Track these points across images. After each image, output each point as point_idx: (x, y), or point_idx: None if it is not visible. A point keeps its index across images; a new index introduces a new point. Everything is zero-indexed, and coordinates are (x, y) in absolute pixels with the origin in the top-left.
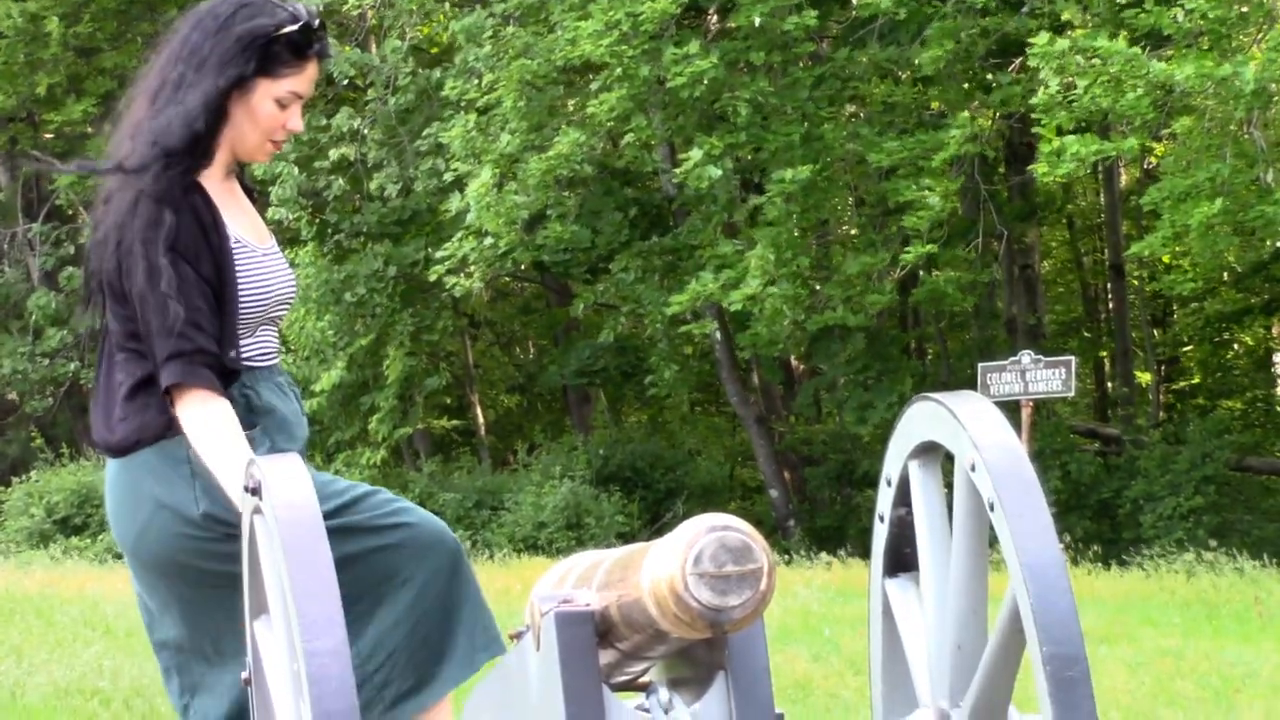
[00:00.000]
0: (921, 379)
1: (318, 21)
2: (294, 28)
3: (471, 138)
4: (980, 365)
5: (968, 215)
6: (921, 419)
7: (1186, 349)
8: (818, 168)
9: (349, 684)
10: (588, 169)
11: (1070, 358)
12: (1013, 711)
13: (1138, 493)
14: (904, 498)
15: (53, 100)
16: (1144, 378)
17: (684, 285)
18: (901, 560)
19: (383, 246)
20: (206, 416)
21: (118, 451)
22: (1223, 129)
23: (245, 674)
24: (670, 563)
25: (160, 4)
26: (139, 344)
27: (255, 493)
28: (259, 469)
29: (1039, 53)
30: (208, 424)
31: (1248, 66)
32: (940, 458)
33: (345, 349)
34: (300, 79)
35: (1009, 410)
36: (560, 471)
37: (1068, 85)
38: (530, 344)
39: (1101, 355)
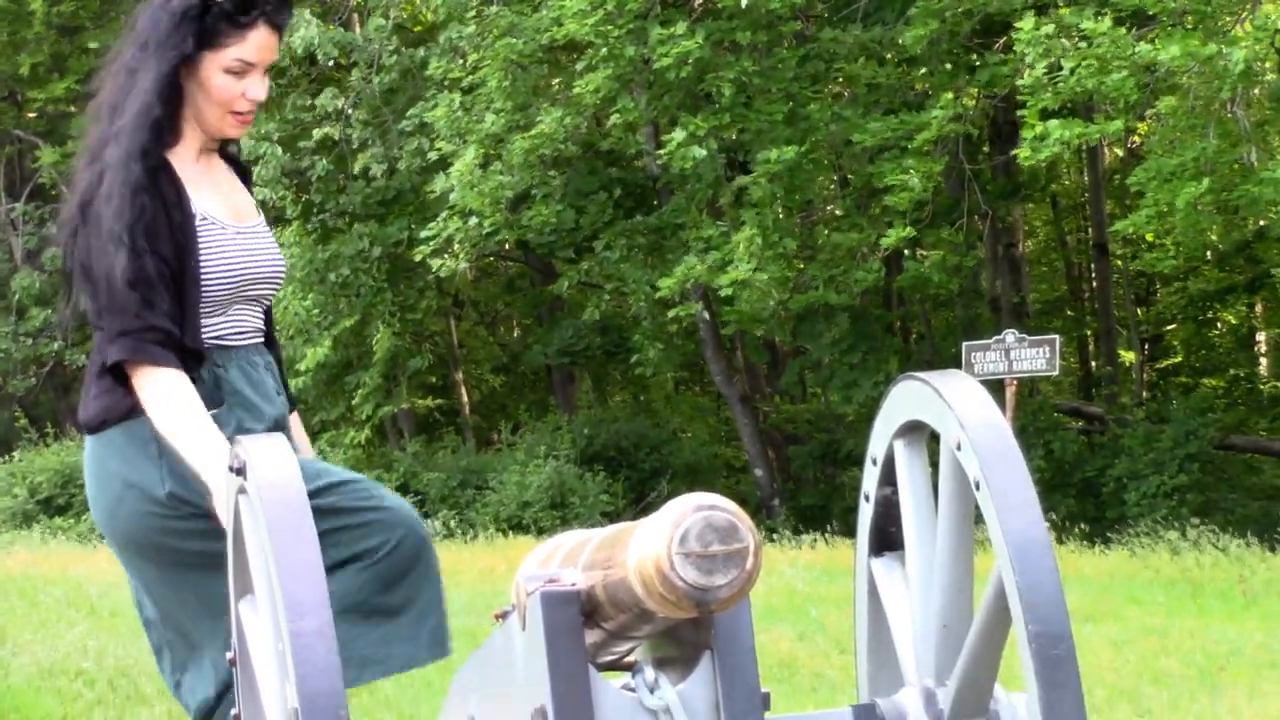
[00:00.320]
0: (906, 358)
1: None
2: None
3: (456, 117)
4: (964, 344)
5: (952, 194)
6: (907, 398)
7: (1170, 328)
8: (803, 149)
9: (334, 665)
10: (572, 148)
11: (1054, 336)
12: (998, 689)
13: (1121, 471)
14: (889, 477)
15: (36, 79)
16: (1127, 356)
17: (668, 264)
18: (887, 539)
19: (367, 226)
20: (160, 392)
21: (89, 429)
22: (1207, 109)
23: (230, 654)
24: (656, 542)
25: None
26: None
27: (240, 473)
28: (243, 449)
29: (1025, 38)
30: (162, 399)
31: (1237, 48)
32: (926, 437)
33: (330, 329)
34: (245, 46)
35: (993, 389)
36: (545, 451)
37: (1053, 66)
38: (514, 323)
39: (1085, 334)
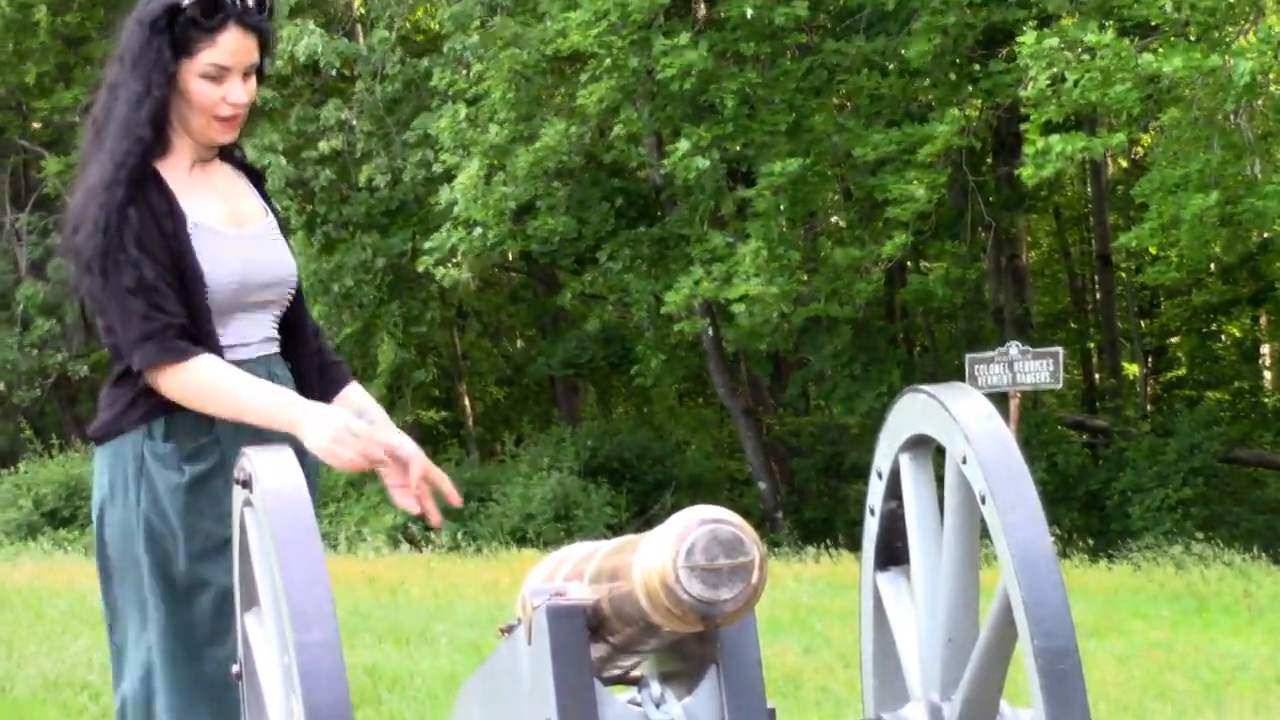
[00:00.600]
0: (909, 370)
1: None
2: (188, 1)
3: (460, 128)
4: (968, 356)
5: (955, 206)
6: (912, 412)
7: (1174, 340)
8: (808, 161)
9: (341, 677)
10: (576, 159)
11: (1058, 349)
12: (1004, 704)
13: (1126, 484)
14: (895, 491)
15: (42, 89)
16: (1131, 369)
17: (672, 275)
18: (893, 553)
19: (370, 237)
20: (198, 380)
21: (94, 440)
22: (1210, 120)
23: (236, 668)
24: (662, 555)
25: None
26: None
27: (246, 485)
28: (249, 461)
29: (1028, 51)
30: (206, 387)
31: (1242, 59)
32: (931, 450)
33: (333, 339)
34: (216, 50)
35: (997, 401)
36: (548, 463)
37: (1056, 79)
38: (518, 335)
39: (1089, 346)
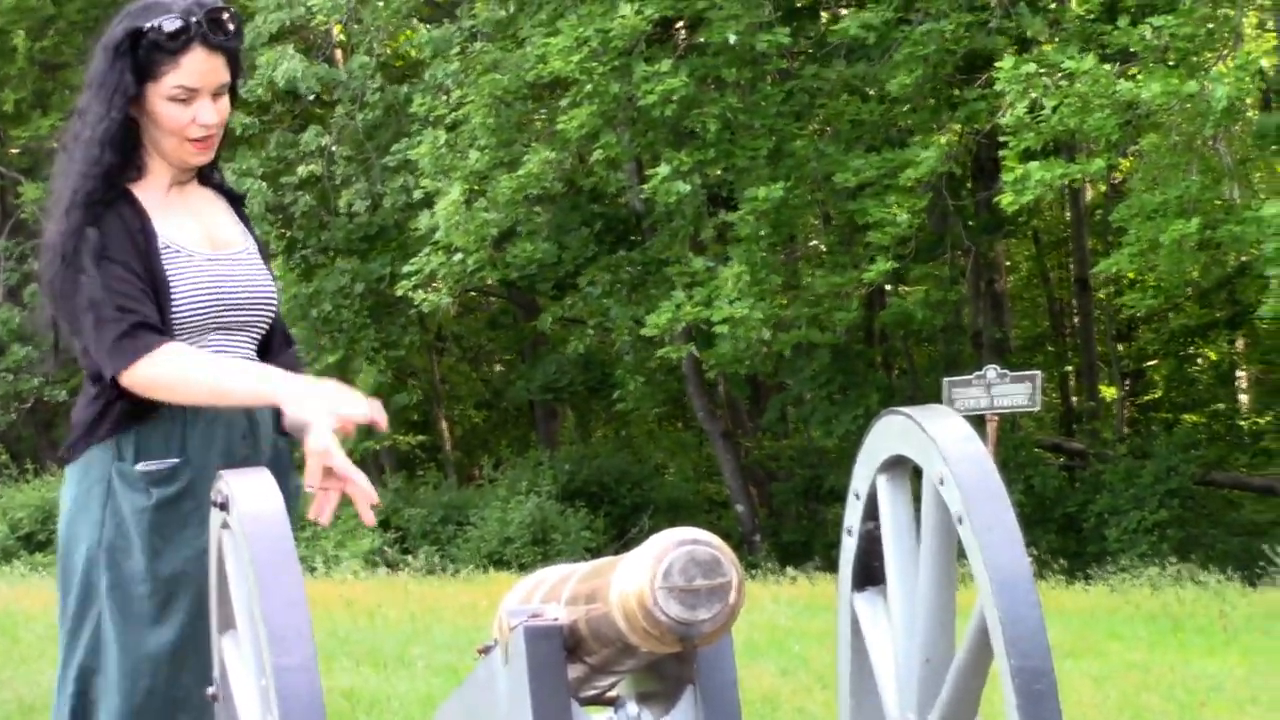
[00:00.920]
0: (888, 393)
1: (197, 11)
2: (150, 25)
3: (440, 154)
4: (945, 379)
5: (934, 230)
6: (890, 433)
7: (1151, 363)
8: (790, 185)
9: (318, 700)
10: (557, 185)
11: (1036, 372)
12: None
13: (1103, 506)
14: (872, 512)
15: (19, 115)
16: (1108, 392)
17: (653, 300)
18: (870, 574)
19: (350, 263)
20: (175, 365)
21: (64, 462)
22: (1189, 146)
23: (212, 690)
24: (639, 577)
25: None
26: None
27: (223, 507)
28: (226, 484)
29: (1006, 76)
30: (178, 376)
31: (1220, 84)
32: (909, 472)
33: (313, 364)
34: (182, 72)
35: (974, 424)
36: (526, 487)
37: (1034, 105)
38: (497, 359)
39: (1066, 369)
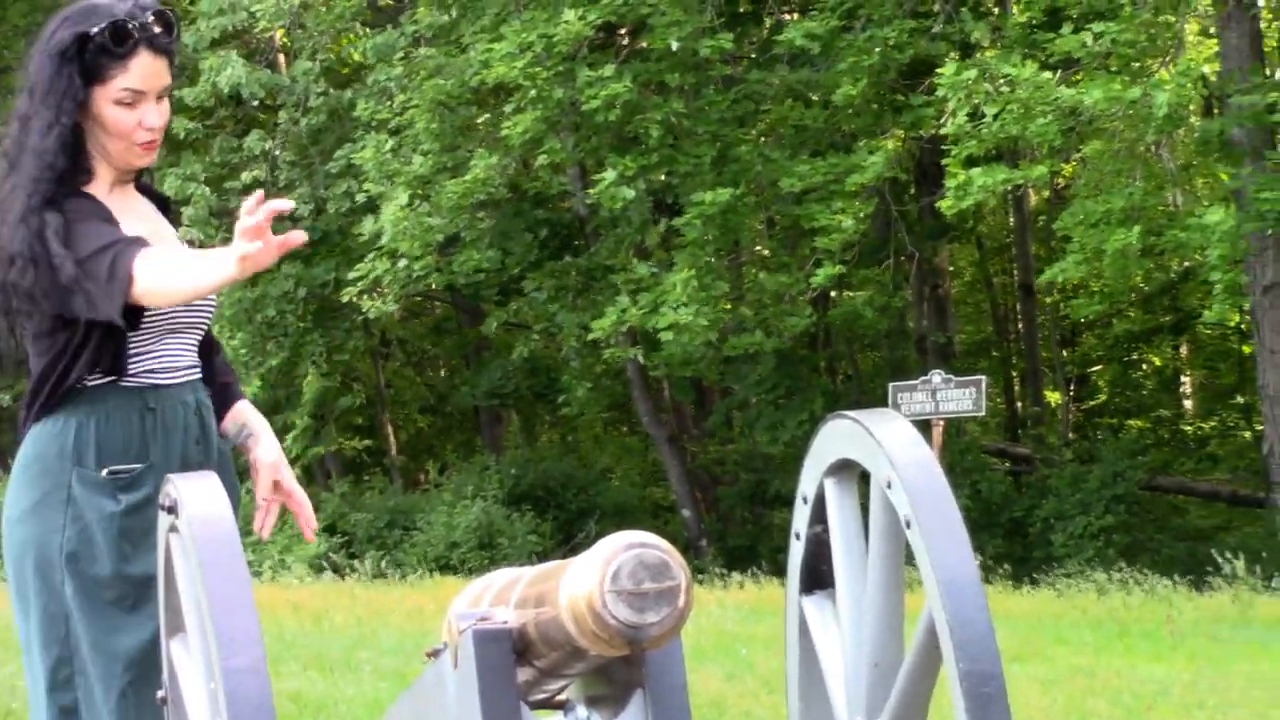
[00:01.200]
0: (833, 399)
1: (140, 14)
2: (98, 29)
3: (384, 159)
4: (891, 385)
5: (878, 235)
6: (837, 437)
7: (1095, 369)
8: (738, 191)
9: (268, 701)
10: (503, 191)
11: (981, 377)
12: None
13: (1049, 512)
14: (820, 515)
15: None
16: (1053, 397)
17: (598, 306)
18: (818, 578)
19: (294, 267)
20: (155, 287)
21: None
22: (1131, 152)
23: (161, 693)
24: (588, 580)
25: None
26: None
27: (171, 511)
28: (174, 487)
29: (947, 83)
30: (161, 290)
31: (1160, 91)
32: (856, 475)
33: (258, 368)
34: (128, 75)
35: (920, 430)
36: (472, 491)
37: (976, 113)
38: (442, 364)
39: (1011, 375)
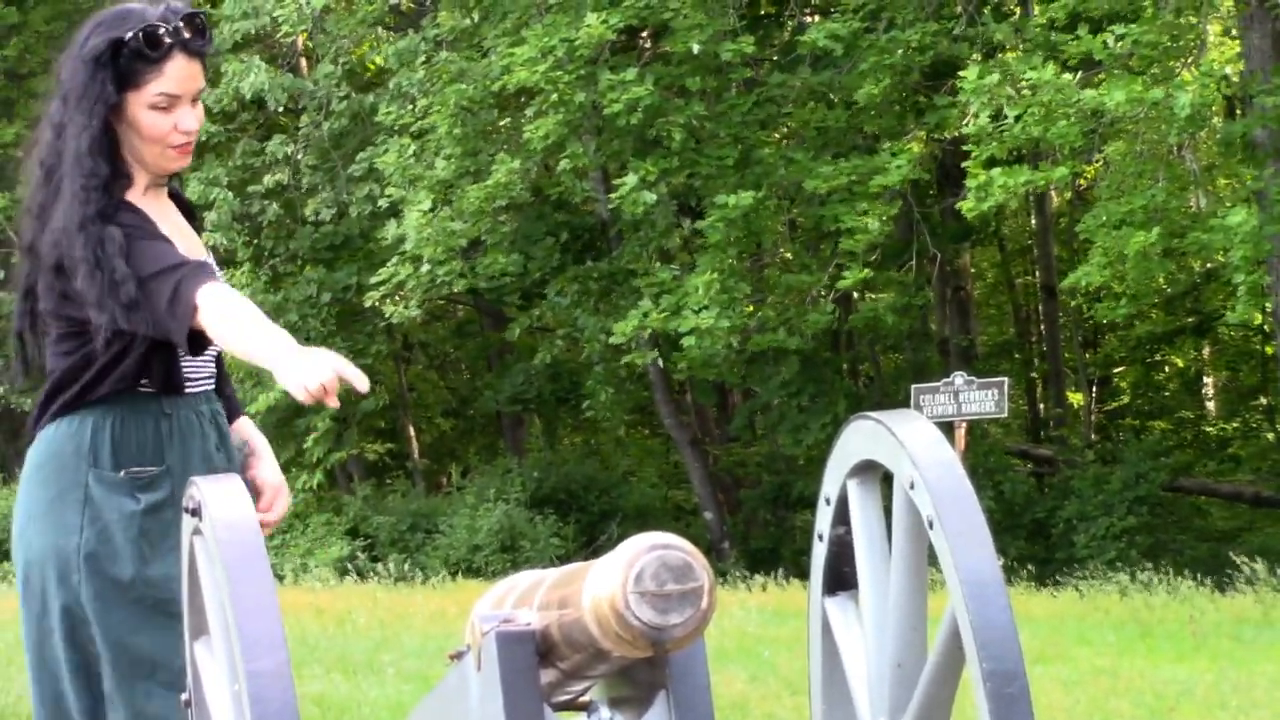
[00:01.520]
0: (856, 401)
1: (172, 18)
2: (132, 34)
3: (406, 163)
4: (913, 387)
5: (901, 238)
6: (860, 438)
7: (1118, 370)
8: (760, 194)
9: (291, 704)
10: (525, 195)
11: (1003, 379)
12: None
13: (1071, 513)
14: (843, 516)
15: None
16: (1075, 399)
17: (620, 310)
18: (841, 579)
19: (316, 272)
20: (213, 325)
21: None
22: (1154, 154)
23: (185, 696)
24: (611, 581)
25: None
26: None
27: (195, 513)
28: (198, 490)
29: (970, 87)
30: (217, 330)
31: (1183, 92)
32: (879, 476)
33: None
34: (164, 79)
35: (943, 431)
36: (495, 494)
37: (998, 114)
38: (464, 367)
39: (1033, 376)
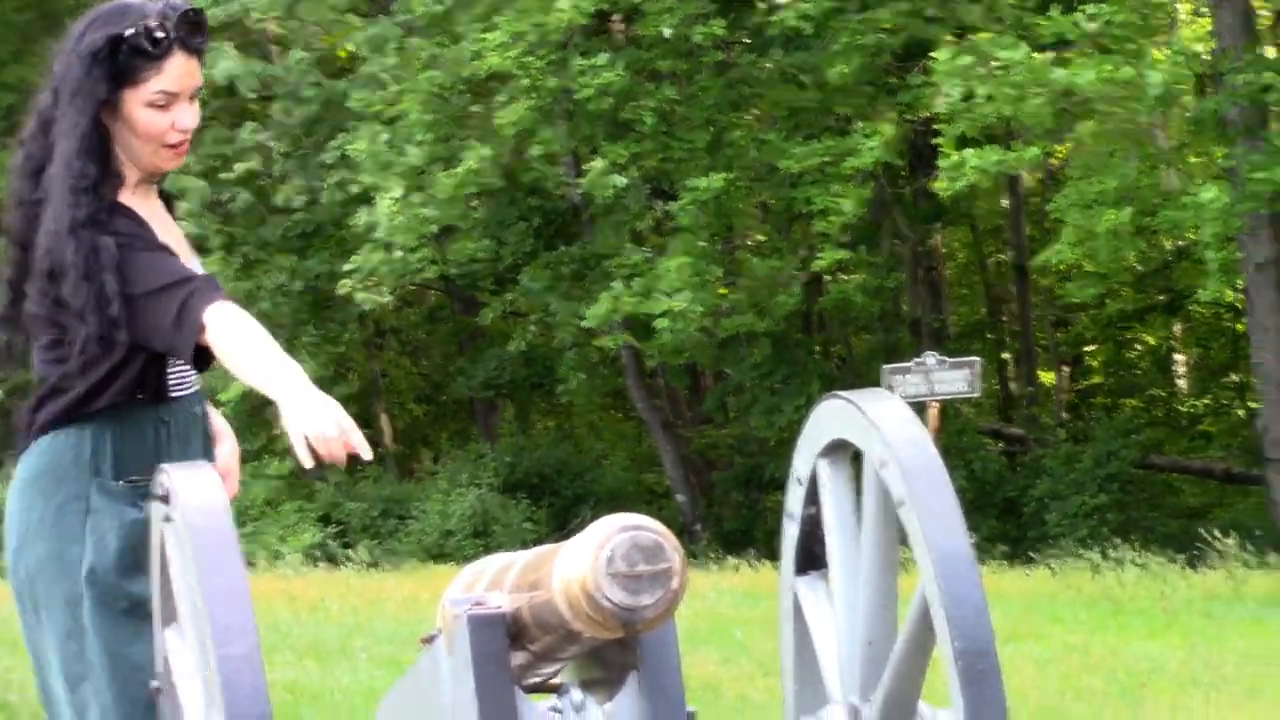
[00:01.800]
0: (828, 382)
1: (172, 15)
2: (131, 31)
3: (378, 150)
4: (884, 367)
5: (873, 218)
6: (831, 417)
7: (1089, 349)
8: (732, 176)
9: (262, 690)
10: (497, 182)
11: (975, 358)
12: (923, 706)
13: (1043, 491)
14: (814, 496)
15: None
16: (1046, 378)
17: (593, 294)
18: (812, 558)
19: (288, 259)
20: (220, 345)
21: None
22: (1124, 132)
23: (155, 683)
24: (582, 563)
25: (61, 17)
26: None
27: (165, 500)
28: (168, 477)
29: (942, 69)
30: (224, 351)
31: (1154, 71)
32: (850, 455)
33: None
34: (164, 77)
35: (915, 411)
36: (467, 479)
37: (970, 94)
38: (436, 352)
39: (1004, 356)
